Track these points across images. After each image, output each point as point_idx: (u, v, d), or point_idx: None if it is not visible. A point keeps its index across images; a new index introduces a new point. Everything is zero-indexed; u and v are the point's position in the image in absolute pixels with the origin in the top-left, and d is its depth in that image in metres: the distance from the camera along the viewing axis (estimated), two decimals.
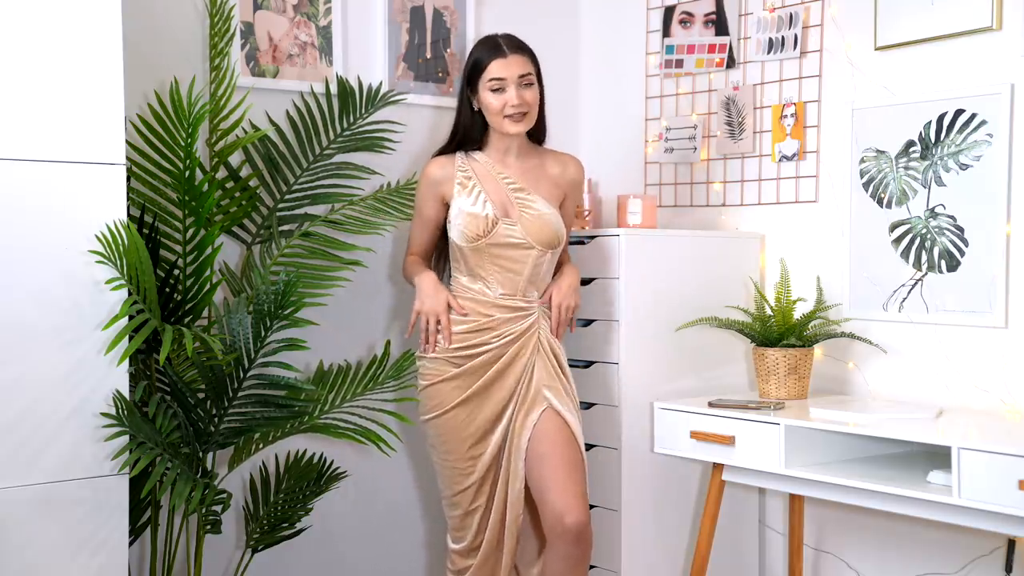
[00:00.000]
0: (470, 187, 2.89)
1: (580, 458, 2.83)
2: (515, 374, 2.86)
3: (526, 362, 2.86)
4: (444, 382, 2.88)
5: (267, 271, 2.98)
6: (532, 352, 2.87)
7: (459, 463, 2.89)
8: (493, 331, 2.86)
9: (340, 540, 3.56)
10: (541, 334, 2.89)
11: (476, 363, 2.86)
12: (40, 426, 2.51)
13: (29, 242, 2.49)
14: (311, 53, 3.43)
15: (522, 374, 2.86)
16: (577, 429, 2.85)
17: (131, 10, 2.90)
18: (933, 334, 3.06)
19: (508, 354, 2.86)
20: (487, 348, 2.86)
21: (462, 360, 2.87)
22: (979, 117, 2.93)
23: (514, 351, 2.86)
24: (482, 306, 2.88)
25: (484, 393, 2.86)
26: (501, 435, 2.87)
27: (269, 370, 2.85)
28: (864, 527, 3.27)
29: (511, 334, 2.86)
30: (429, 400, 2.91)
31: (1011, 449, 2.36)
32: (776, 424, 2.78)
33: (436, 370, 2.90)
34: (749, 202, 3.51)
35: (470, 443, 2.87)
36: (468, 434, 2.87)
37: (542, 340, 2.89)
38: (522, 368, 2.86)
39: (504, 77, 2.82)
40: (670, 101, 3.73)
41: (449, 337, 2.86)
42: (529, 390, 2.85)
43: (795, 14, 3.35)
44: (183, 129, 2.76)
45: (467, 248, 2.86)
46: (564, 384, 2.89)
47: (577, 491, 2.77)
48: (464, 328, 2.88)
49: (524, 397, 2.85)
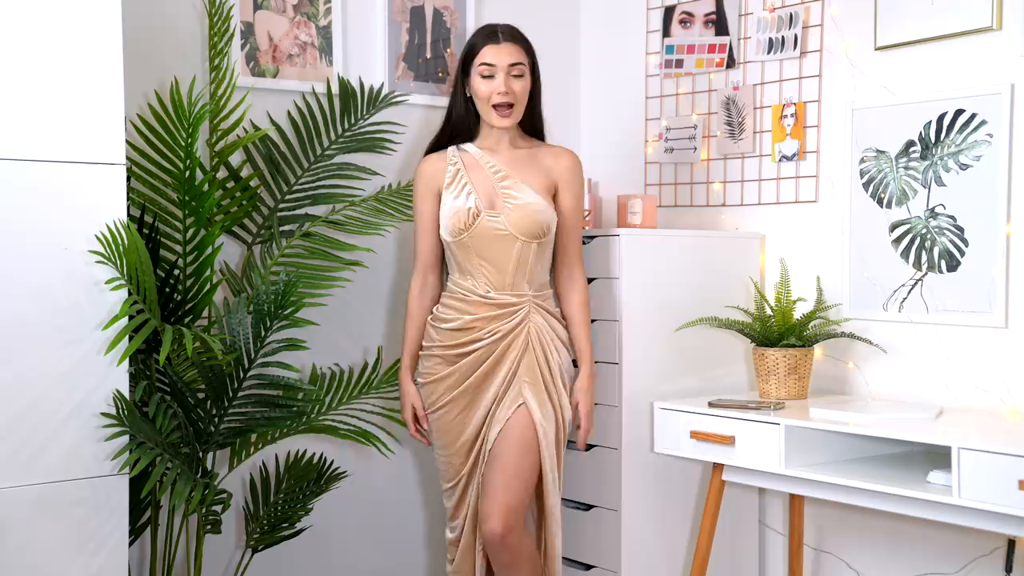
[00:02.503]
0: (458, 180, 2.89)
1: (531, 466, 2.82)
2: (504, 370, 2.85)
3: (515, 358, 2.85)
4: (438, 381, 2.89)
5: (267, 271, 2.98)
6: (522, 348, 2.86)
7: (453, 457, 2.91)
8: (481, 328, 2.86)
9: (340, 540, 3.56)
10: (531, 330, 2.88)
11: (469, 360, 2.86)
12: (40, 426, 2.51)
13: (29, 242, 2.49)
14: (311, 53, 3.43)
15: (509, 370, 2.85)
16: (545, 432, 2.83)
17: (131, 10, 2.90)
18: (933, 334, 3.06)
19: (498, 351, 2.85)
20: (478, 346, 2.85)
21: (455, 358, 2.87)
22: (979, 117, 2.93)
23: (503, 347, 2.85)
24: (469, 304, 2.87)
25: (477, 390, 2.86)
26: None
27: (269, 370, 2.85)
28: (864, 527, 3.27)
29: (500, 331, 2.85)
30: (426, 398, 2.94)
31: (1011, 449, 2.35)
32: (776, 424, 2.78)
33: (432, 369, 2.91)
34: (749, 202, 3.51)
35: (463, 440, 2.88)
36: (461, 431, 2.88)
37: (532, 336, 2.88)
38: (511, 364, 2.85)
39: (494, 63, 2.81)
40: (670, 101, 3.73)
41: (428, 438, 2.98)
42: (512, 385, 2.85)
43: (795, 14, 3.35)
44: (183, 129, 2.76)
45: (453, 243, 2.86)
46: (547, 380, 2.87)
47: (504, 502, 2.78)
48: (453, 326, 2.88)
49: (506, 391, 2.86)
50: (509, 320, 2.86)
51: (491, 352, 2.85)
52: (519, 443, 2.81)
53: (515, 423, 2.82)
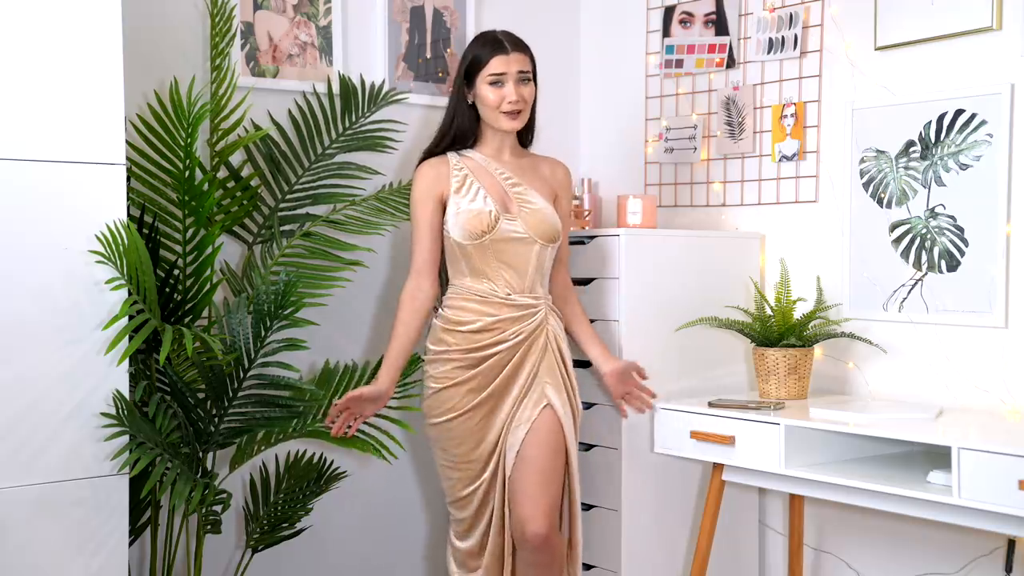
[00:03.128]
0: (468, 184, 2.87)
1: (561, 465, 2.82)
2: (525, 373, 2.84)
3: (535, 360, 2.85)
4: (457, 385, 2.83)
5: (268, 271, 2.98)
6: (542, 350, 2.86)
7: (474, 465, 2.85)
8: (503, 330, 2.84)
9: (340, 540, 3.56)
10: (549, 332, 2.88)
11: (492, 362, 2.82)
12: (40, 426, 2.51)
13: (29, 242, 2.49)
14: (311, 53, 3.43)
15: (531, 372, 2.85)
16: (570, 431, 2.84)
17: (131, 10, 2.90)
18: (933, 334, 3.06)
19: (519, 354, 2.83)
20: (502, 347, 2.82)
21: (477, 361, 2.83)
22: (979, 117, 2.93)
23: (524, 350, 2.84)
24: (491, 306, 2.84)
25: (500, 394, 2.83)
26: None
27: (269, 370, 2.85)
28: (864, 527, 3.27)
29: (522, 333, 2.84)
30: (441, 404, 2.85)
31: (1011, 449, 2.35)
32: (776, 424, 2.78)
33: (448, 374, 2.84)
34: (749, 202, 3.51)
35: (485, 445, 2.84)
36: (484, 436, 2.83)
37: (550, 338, 2.88)
38: (532, 366, 2.84)
39: (504, 72, 2.82)
40: (670, 101, 3.73)
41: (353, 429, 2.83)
42: (534, 386, 2.85)
43: (795, 14, 3.35)
44: (183, 129, 2.76)
45: (470, 246, 2.83)
46: (566, 381, 2.88)
47: (545, 503, 2.78)
48: (474, 328, 2.84)
49: (528, 393, 2.85)
50: (530, 321, 2.86)
51: (514, 354, 2.83)
52: (551, 444, 2.80)
53: (543, 424, 2.81)
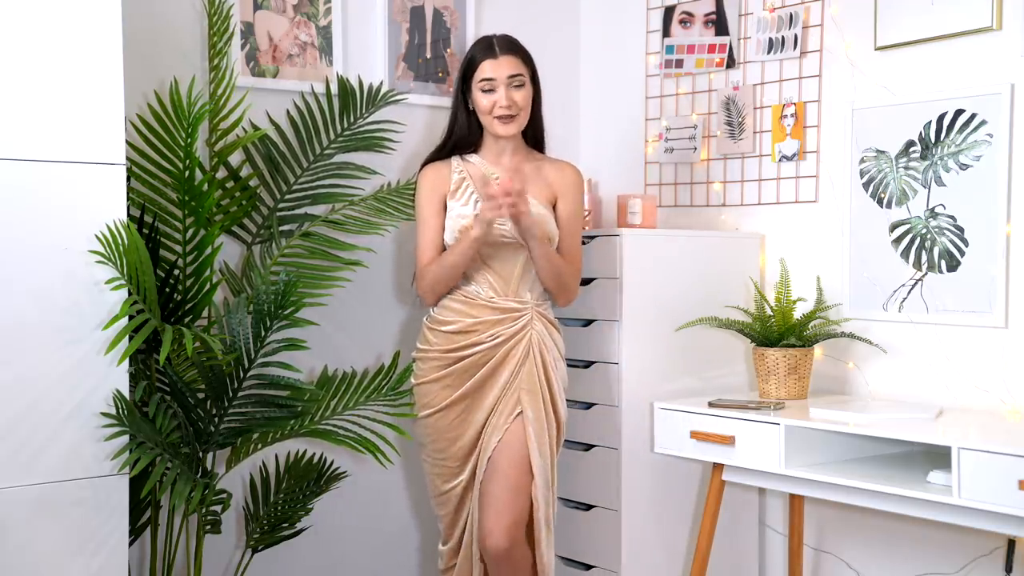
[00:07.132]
0: (463, 188, 2.90)
1: (528, 480, 2.82)
2: (505, 376, 2.85)
3: (516, 364, 2.86)
4: (432, 382, 2.89)
5: (267, 271, 2.98)
6: (523, 355, 2.86)
7: (449, 462, 2.90)
8: (482, 332, 2.85)
9: (340, 540, 3.56)
10: (533, 336, 2.88)
11: (466, 363, 2.86)
12: (40, 426, 2.51)
13: (29, 242, 2.49)
14: (311, 53, 3.43)
15: (511, 376, 2.85)
16: (535, 443, 2.82)
17: (131, 10, 2.90)
18: (933, 334, 3.06)
19: (498, 355, 2.85)
20: (478, 349, 2.85)
21: (453, 361, 2.87)
22: (979, 117, 2.93)
23: (504, 352, 2.85)
24: (474, 308, 2.88)
25: (476, 395, 2.86)
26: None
27: (269, 370, 2.85)
28: (864, 527, 3.27)
29: (502, 336, 2.86)
30: (419, 400, 2.92)
31: (1011, 449, 2.35)
32: (776, 424, 2.78)
33: (426, 372, 2.91)
34: (749, 202, 3.51)
35: (461, 444, 2.88)
36: (459, 435, 2.88)
37: (533, 343, 2.88)
38: (511, 370, 2.85)
39: (494, 77, 2.83)
40: (670, 101, 3.73)
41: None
42: (511, 392, 2.85)
43: (795, 14, 3.35)
44: (183, 129, 2.76)
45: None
46: (543, 388, 2.87)
47: (509, 518, 2.80)
48: (453, 328, 2.88)
49: (506, 399, 2.85)
50: (512, 324, 2.87)
51: (491, 356, 2.85)
52: (520, 457, 2.82)
53: (514, 437, 2.82)
